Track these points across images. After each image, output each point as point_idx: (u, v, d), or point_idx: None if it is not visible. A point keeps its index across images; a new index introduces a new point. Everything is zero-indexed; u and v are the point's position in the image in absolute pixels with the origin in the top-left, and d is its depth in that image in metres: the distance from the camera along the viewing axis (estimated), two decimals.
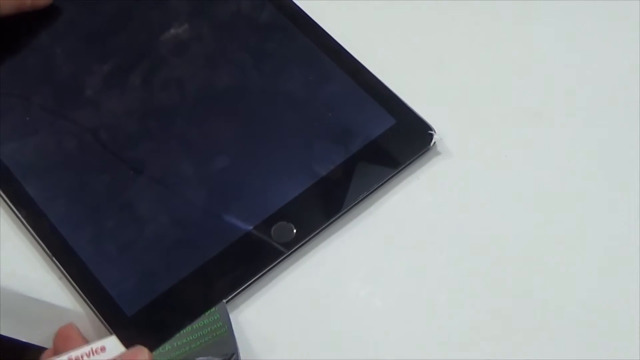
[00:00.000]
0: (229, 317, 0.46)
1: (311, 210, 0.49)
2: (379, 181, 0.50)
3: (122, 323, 0.46)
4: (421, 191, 0.50)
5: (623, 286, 0.47)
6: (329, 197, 0.49)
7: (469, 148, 0.51)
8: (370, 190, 0.49)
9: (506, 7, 0.56)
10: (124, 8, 0.56)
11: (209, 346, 0.45)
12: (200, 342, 0.45)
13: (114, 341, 0.45)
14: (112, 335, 0.46)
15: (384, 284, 0.48)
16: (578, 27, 0.55)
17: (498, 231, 0.49)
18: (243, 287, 0.47)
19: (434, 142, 0.50)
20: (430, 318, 0.47)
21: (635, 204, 0.49)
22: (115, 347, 0.45)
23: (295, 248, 0.48)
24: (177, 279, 0.47)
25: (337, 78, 0.53)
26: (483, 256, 0.48)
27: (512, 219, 0.49)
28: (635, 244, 0.48)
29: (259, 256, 0.48)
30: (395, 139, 0.51)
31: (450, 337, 0.46)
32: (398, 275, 0.48)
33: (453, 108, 0.53)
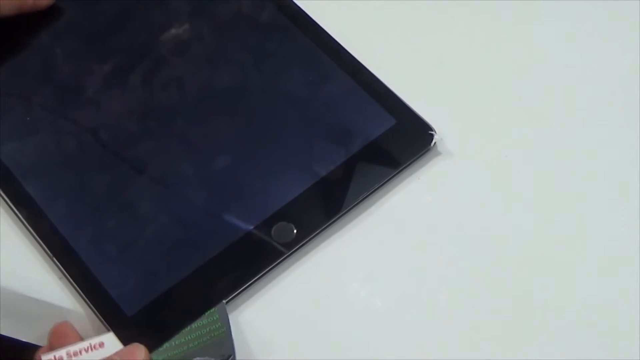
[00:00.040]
0: (228, 318, 0.46)
1: (311, 210, 0.49)
2: (380, 181, 0.50)
3: (122, 323, 0.46)
4: (421, 191, 0.50)
5: (623, 286, 0.47)
6: (330, 198, 0.49)
7: (469, 148, 0.51)
8: (370, 190, 0.49)
9: (506, 7, 0.56)
10: (125, 8, 0.56)
11: (207, 346, 0.45)
12: (198, 342, 0.45)
13: (112, 337, 0.45)
14: (110, 331, 0.46)
15: (384, 284, 0.48)
16: (578, 27, 0.55)
17: (498, 231, 0.49)
18: (243, 288, 0.47)
19: (435, 143, 0.50)
20: (430, 318, 0.47)
21: (635, 204, 0.49)
22: (113, 344, 0.45)
23: (295, 248, 0.48)
24: (177, 279, 0.47)
25: (338, 78, 0.53)
26: (483, 256, 0.48)
27: (512, 219, 0.49)
28: (635, 244, 0.48)
29: (259, 256, 0.48)
30: (395, 139, 0.51)
31: (450, 337, 0.46)
32: (398, 275, 0.48)
33: (453, 108, 0.53)
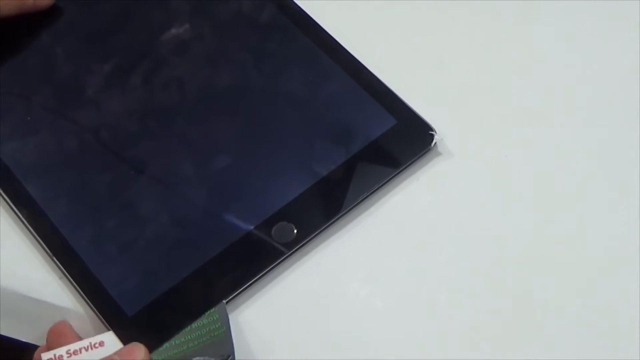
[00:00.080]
0: (228, 318, 0.46)
1: (312, 210, 0.49)
2: (380, 181, 0.50)
3: (123, 323, 0.46)
4: (421, 191, 0.50)
5: (623, 286, 0.47)
6: (330, 198, 0.49)
7: (469, 148, 0.51)
8: (371, 190, 0.49)
9: (506, 7, 0.56)
10: (125, 8, 0.56)
11: (207, 346, 0.45)
12: (198, 342, 0.45)
13: (112, 336, 0.45)
14: (110, 330, 0.46)
15: (384, 284, 0.48)
16: (578, 27, 0.55)
17: (498, 231, 0.49)
18: (243, 288, 0.47)
19: (435, 143, 0.50)
20: (430, 318, 0.47)
21: (635, 204, 0.49)
22: (113, 342, 0.45)
23: (295, 248, 0.48)
24: (178, 279, 0.47)
25: (338, 78, 0.53)
26: (483, 256, 0.48)
27: (512, 219, 0.49)
28: (635, 244, 0.48)
29: (260, 256, 0.48)
30: (396, 139, 0.51)
31: (450, 337, 0.46)
32: (398, 275, 0.48)
33: (453, 108, 0.53)
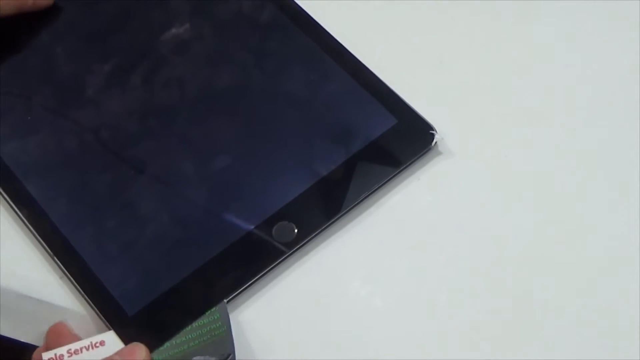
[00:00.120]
0: (229, 317, 0.46)
1: (312, 210, 0.49)
2: (380, 181, 0.50)
3: (123, 322, 0.46)
4: (422, 191, 0.50)
5: (623, 286, 0.47)
6: (330, 197, 0.49)
7: (470, 148, 0.51)
8: (371, 190, 0.49)
9: (506, 7, 0.56)
10: (125, 8, 0.56)
11: (207, 345, 0.45)
12: (198, 341, 0.45)
13: (113, 336, 0.46)
14: (111, 330, 0.46)
15: (384, 284, 0.48)
16: (578, 27, 0.55)
17: (498, 231, 0.49)
18: (244, 287, 0.47)
19: (435, 142, 0.50)
20: (430, 318, 0.47)
21: (635, 204, 0.49)
22: (114, 342, 0.45)
23: (296, 248, 0.48)
24: (178, 279, 0.47)
25: (338, 77, 0.53)
26: (483, 256, 0.48)
27: (512, 219, 0.49)
28: (635, 244, 0.48)
29: (260, 256, 0.48)
30: (396, 139, 0.51)
31: (450, 337, 0.46)
32: (398, 275, 0.48)
33: (453, 108, 0.53)
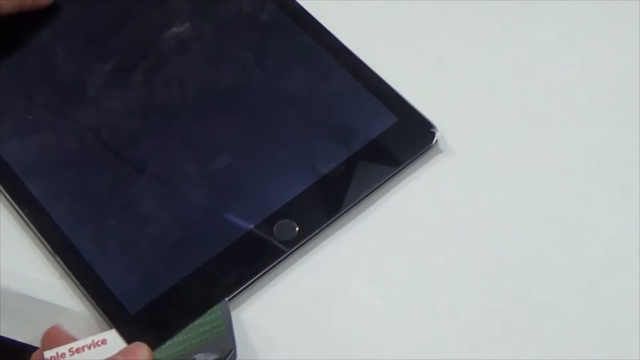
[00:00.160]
0: (230, 316, 0.46)
1: (314, 208, 0.49)
2: (381, 179, 0.50)
3: (125, 321, 0.46)
4: (423, 190, 0.50)
5: (623, 286, 0.47)
6: (332, 195, 0.49)
7: (470, 147, 0.51)
8: (372, 188, 0.49)
9: (506, 7, 0.56)
10: (125, 7, 0.56)
11: (209, 343, 0.45)
12: (200, 339, 0.46)
13: (114, 335, 0.46)
14: (113, 329, 0.46)
15: (385, 284, 0.48)
16: (578, 27, 0.55)
17: (498, 231, 0.49)
18: (245, 286, 0.47)
19: (436, 140, 0.50)
20: (430, 318, 0.47)
21: (635, 204, 0.49)
22: (115, 340, 0.45)
23: (297, 246, 0.48)
24: (180, 278, 0.47)
25: (339, 76, 0.53)
26: (483, 256, 0.48)
27: (513, 219, 0.49)
28: (635, 244, 0.48)
29: (262, 254, 0.48)
30: (397, 137, 0.51)
31: (450, 337, 0.46)
32: (399, 274, 0.48)
33: (453, 107, 0.53)
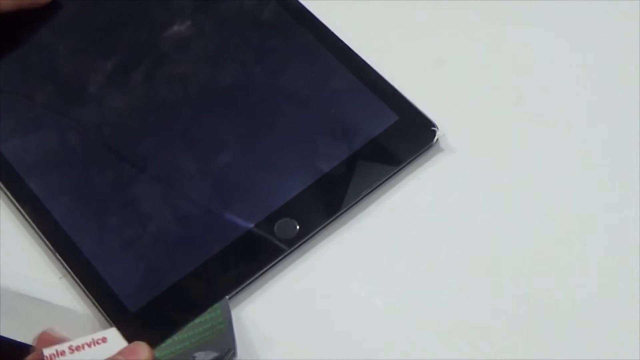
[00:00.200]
0: (231, 314, 0.46)
1: (314, 206, 0.49)
2: (382, 178, 0.50)
3: (126, 319, 0.46)
4: (423, 189, 0.50)
5: (623, 286, 0.47)
6: (332, 194, 0.49)
7: (471, 146, 0.51)
8: (373, 186, 0.49)
9: (506, 7, 0.56)
10: (126, 5, 0.56)
11: (209, 342, 0.45)
12: (200, 338, 0.46)
13: (115, 333, 0.45)
14: (113, 327, 0.46)
15: (385, 283, 0.48)
16: (578, 27, 0.55)
17: (498, 230, 0.49)
18: (246, 284, 0.47)
19: (437, 139, 0.50)
20: (430, 317, 0.47)
21: (635, 204, 0.49)
22: (115, 338, 0.45)
23: (298, 244, 0.48)
24: (181, 276, 0.47)
25: (340, 75, 0.53)
26: (483, 255, 0.48)
27: (513, 218, 0.49)
28: (635, 244, 0.48)
29: (262, 253, 0.48)
30: (398, 136, 0.51)
31: (450, 337, 0.46)
32: (399, 273, 0.48)
33: (454, 107, 0.53)
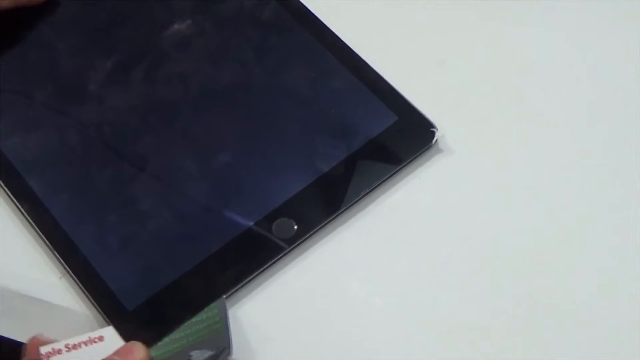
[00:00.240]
0: (227, 313, 0.46)
1: (312, 206, 0.49)
2: (381, 178, 0.50)
3: (123, 317, 0.46)
4: (422, 189, 0.50)
5: (623, 286, 0.47)
6: (331, 194, 0.49)
7: (470, 146, 0.51)
8: (371, 187, 0.49)
9: (506, 7, 0.56)
10: (127, 4, 0.56)
11: (205, 340, 0.45)
12: (196, 336, 0.45)
13: (111, 331, 0.45)
14: (110, 325, 0.46)
15: (385, 283, 0.48)
16: (579, 27, 0.55)
17: (498, 230, 0.49)
18: (243, 283, 0.47)
19: (436, 140, 0.50)
20: (430, 318, 0.47)
21: (635, 204, 0.49)
22: (112, 337, 0.45)
23: (296, 244, 0.48)
24: (178, 274, 0.47)
25: (340, 75, 0.53)
26: (483, 255, 0.48)
27: (512, 219, 0.49)
28: (635, 244, 0.48)
29: (260, 252, 0.47)
30: (397, 136, 0.51)
31: (450, 337, 0.46)
32: (399, 273, 0.48)
33: (453, 107, 0.53)
